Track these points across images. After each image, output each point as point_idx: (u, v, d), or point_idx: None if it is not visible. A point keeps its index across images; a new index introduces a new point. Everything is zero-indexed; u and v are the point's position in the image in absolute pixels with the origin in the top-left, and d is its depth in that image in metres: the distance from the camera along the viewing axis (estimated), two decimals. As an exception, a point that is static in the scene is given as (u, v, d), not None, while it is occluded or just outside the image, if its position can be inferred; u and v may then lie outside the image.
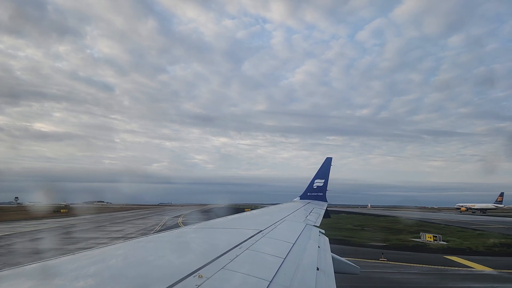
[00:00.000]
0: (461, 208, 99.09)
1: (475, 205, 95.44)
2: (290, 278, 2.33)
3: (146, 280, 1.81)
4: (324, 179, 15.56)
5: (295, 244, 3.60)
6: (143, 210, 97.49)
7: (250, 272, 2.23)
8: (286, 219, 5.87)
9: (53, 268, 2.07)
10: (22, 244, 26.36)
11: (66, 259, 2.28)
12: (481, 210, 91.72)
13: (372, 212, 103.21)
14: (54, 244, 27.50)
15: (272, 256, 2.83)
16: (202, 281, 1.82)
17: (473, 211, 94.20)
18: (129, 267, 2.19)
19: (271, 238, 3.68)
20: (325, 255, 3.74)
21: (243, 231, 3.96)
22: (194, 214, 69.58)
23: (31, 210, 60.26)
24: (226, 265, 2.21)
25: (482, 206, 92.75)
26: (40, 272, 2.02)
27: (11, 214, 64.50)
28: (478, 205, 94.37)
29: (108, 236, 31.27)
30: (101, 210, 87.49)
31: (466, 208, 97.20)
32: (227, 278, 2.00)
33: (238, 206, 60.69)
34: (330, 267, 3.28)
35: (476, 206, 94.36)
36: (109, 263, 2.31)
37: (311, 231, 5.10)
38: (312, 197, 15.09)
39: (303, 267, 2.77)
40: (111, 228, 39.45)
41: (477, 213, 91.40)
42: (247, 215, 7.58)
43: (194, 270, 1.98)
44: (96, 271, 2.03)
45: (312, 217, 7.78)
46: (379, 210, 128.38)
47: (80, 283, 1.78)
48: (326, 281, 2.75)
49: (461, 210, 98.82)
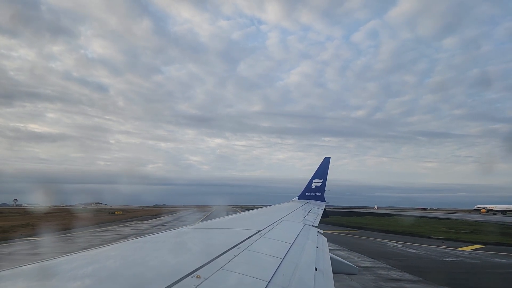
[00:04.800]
0: (481, 210, 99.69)
1: (495, 206, 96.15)
2: (288, 278, 2.33)
3: (144, 280, 1.80)
4: (322, 179, 15.60)
5: (293, 244, 3.60)
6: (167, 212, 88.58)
7: (248, 272, 2.23)
8: (284, 219, 5.87)
9: (51, 268, 2.06)
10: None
11: (65, 260, 2.27)
12: (502, 211, 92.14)
13: (388, 212, 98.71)
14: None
15: (270, 257, 2.83)
16: (200, 282, 1.81)
17: (494, 212, 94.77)
18: (127, 267, 2.18)
19: (269, 238, 3.68)
20: (323, 255, 3.74)
21: (241, 232, 3.96)
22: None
23: (84, 212, 55.28)
24: (224, 266, 2.21)
25: (502, 207, 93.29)
26: (39, 273, 2.02)
27: (67, 219, 49.08)
28: (498, 206, 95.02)
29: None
30: (149, 212, 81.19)
31: (486, 210, 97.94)
32: (225, 279, 2.00)
33: (247, 206, 60.29)
34: (328, 267, 3.28)
35: (497, 207, 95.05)
36: (107, 263, 2.30)
37: (309, 231, 5.10)
38: (311, 197, 15.12)
39: (301, 268, 2.77)
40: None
41: (498, 214, 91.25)
42: (245, 215, 7.57)
43: (192, 270, 1.98)
44: (94, 271, 2.02)
45: (311, 217, 7.79)
46: (387, 210, 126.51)
47: (78, 283, 1.78)
48: (325, 281, 2.75)
49: (481, 211, 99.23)
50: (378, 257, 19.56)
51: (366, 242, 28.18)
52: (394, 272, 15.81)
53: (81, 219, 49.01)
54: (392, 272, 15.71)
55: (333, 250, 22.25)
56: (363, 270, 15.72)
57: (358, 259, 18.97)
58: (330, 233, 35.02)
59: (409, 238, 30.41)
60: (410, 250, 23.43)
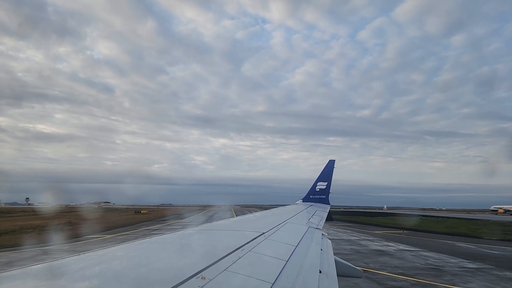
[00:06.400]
0: (499, 211, 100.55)
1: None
2: (292, 280, 2.33)
3: (149, 281, 1.83)
4: (326, 181, 15.50)
5: (297, 246, 3.60)
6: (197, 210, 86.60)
7: (253, 274, 2.24)
8: (288, 221, 5.86)
9: (58, 268, 2.09)
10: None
11: (69, 260, 2.30)
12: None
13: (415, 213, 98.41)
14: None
15: (275, 259, 2.84)
16: (204, 283, 1.83)
17: (511, 213, 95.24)
18: (132, 268, 2.21)
19: (273, 240, 3.69)
20: (327, 258, 3.73)
21: (245, 234, 3.97)
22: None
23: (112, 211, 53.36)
24: (228, 267, 2.22)
25: None
26: (46, 273, 2.05)
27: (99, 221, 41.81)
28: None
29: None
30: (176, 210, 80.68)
31: (504, 210, 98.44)
32: (230, 280, 2.01)
33: (255, 206, 59.73)
34: (332, 270, 3.27)
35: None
36: (113, 264, 2.33)
37: (313, 234, 5.08)
38: (315, 199, 15.04)
39: (306, 270, 2.77)
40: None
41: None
42: (249, 217, 7.58)
43: (197, 271, 1.99)
44: (100, 272, 2.05)
45: (315, 219, 7.75)
46: (396, 211, 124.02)
47: (84, 283, 1.80)
48: (329, 284, 2.75)
49: (498, 212, 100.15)
50: (474, 259, 19.36)
51: (435, 243, 27.56)
52: (509, 272, 15.81)
53: (120, 218, 48.81)
54: (507, 273, 15.67)
55: (416, 251, 22.15)
56: (477, 271, 15.71)
57: (455, 261, 18.66)
58: (383, 234, 34.77)
59: (467, 239, 29.85)
60: (490, 251, 23.25)
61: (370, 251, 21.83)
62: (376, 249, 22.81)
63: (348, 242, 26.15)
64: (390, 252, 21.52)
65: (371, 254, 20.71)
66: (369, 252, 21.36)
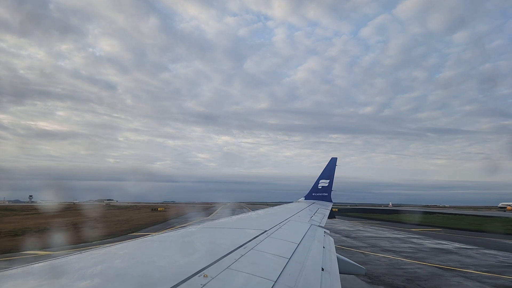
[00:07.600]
0: (507, 207, 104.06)
1: None
2: (294, 278, 2.32)
3: (151, 279, 1.82)
4: (329, 179, 15.50)
5: (299, 244, 3.59)
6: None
7: (255, 272, 2.23)
8: (290, 219, 5.85)
9: (60, 267, 2.09)
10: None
11: (71, 259, 2.30)
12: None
13: (432, 210, 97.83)
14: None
15: (277, 257, 2.83)
16: (207, 281, 1.83)
17: None
18: (134, 267, 2.20)
19: (275, 238, 3.68)
20: (330, 255, 3.72)
21: (247, 231, 3.96)
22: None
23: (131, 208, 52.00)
24: (231, 265, 2.22)
25: None
26: (48, 271, 2.05)
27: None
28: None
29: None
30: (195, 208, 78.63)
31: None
32: (232, 278, 2.01)
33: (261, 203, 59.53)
34: (335, 268, 3.26)
35: None
36: (115, 262, 2.33)
37: (316, 232, 5.08)
38: (317, 197, 15.05)
39: (308, 268, 2.76)
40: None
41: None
42: (251, 215, 7.58)
43: (199, 269, 1.99)
44: (102, 270, 2.05)
45: (317, 217, 7.75)
46: (400, 208, 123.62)
47: (87, 282, 1.80)
48: (331, 281, 2.74)
49: (506, 209, 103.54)
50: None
51: (482, 240, 26.52)
52: None
53: (142, 217, 47.40)
54: None
55: (475, 249, 21.33)
56: None
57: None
58: (421, 231, 33.63)
59: (506, 237, 28.98)
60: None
61: (430, 249, 20.95)
62: (435, 247, 21.75)
63: (401, 241, 25.18)
64: (452, 250, 20.66)
65: (434, 252, 19.88)
66: (430, 250, 20.54)
